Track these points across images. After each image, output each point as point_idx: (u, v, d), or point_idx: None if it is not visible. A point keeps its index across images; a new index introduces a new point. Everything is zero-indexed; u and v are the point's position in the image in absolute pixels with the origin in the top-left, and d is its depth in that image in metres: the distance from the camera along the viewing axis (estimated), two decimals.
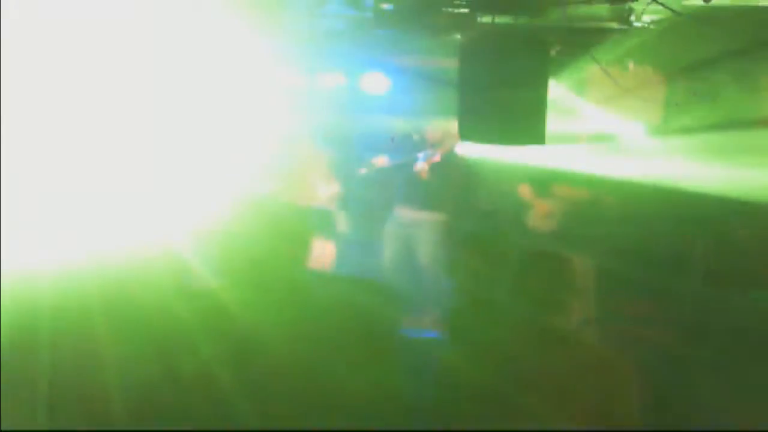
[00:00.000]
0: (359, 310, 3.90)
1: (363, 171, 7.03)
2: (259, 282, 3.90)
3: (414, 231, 6.98)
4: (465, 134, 5.69)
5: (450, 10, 5.56)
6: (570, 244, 5.97)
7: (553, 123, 5.31)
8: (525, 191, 6.95)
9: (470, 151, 6.78)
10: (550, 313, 2.78)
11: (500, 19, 5.31)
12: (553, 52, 5.45)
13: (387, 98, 7.30)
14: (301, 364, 3.47)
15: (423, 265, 6.63)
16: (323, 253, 6.77)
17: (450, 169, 6.93)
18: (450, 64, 6.13)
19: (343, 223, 6.77)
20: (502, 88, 5.25)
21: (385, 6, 6.22)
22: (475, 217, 7.03)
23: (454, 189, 6.94)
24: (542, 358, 2.74)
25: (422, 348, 4.49)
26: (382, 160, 7.09)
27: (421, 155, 6.90)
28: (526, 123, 5.31)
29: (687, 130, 6.39)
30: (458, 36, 5.83)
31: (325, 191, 6.80)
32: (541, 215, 6.83)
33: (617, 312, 4.25)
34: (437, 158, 6.90)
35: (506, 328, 2.91)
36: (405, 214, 7.06)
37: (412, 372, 3.74)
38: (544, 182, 6.92)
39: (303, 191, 6.43)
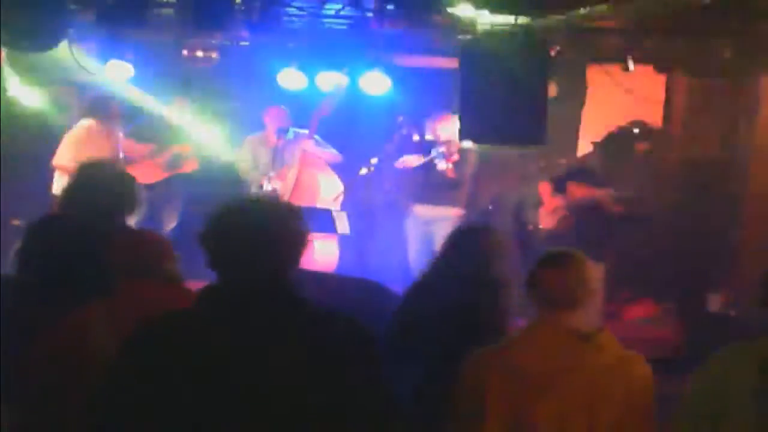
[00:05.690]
0: None
1: (364, 171, 6.93)
2: None
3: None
4: (465, 134, 5.70)
5: (450, 9, 5.55)
6: None
7: None
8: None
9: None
10: None
11: (500, 19, 5.30)
12: (553, 53, 5.44)
13: None
14: None
15: None
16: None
17: None
18: (450, 64, 6.13)
19: None
20: (502, 88, 5.25)
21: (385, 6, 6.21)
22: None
23: None
24: None
25: None
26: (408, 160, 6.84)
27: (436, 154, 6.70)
28: (526, 123, 5.32)
29: None
30: (458, 36, 5.82)
31: None
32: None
33: None
34: (456, 157, 6.67)
35: None
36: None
37: None
38: None
39: None
